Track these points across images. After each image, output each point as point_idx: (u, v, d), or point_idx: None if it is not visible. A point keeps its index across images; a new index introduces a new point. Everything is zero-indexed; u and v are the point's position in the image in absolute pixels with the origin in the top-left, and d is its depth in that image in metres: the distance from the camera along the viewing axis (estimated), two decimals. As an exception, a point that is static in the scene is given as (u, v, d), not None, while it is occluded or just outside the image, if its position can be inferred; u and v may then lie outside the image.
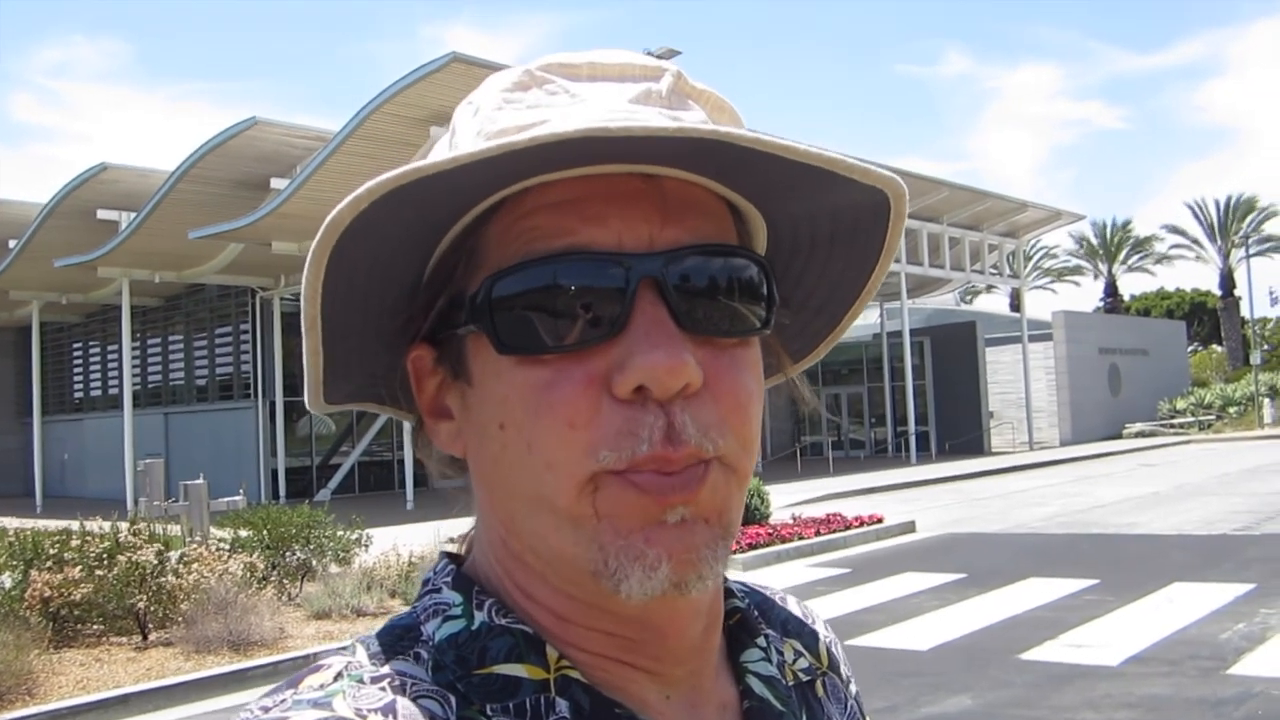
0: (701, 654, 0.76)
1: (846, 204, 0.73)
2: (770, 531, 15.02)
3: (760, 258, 0.72)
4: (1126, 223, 67.72)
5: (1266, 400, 45.67)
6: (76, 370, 38.32)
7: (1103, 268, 67.63)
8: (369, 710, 0.63)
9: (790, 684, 0.83)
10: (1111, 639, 8.72)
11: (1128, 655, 8.14)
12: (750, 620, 0.83)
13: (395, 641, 0.71)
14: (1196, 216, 64.14)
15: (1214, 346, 69.05)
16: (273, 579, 11.12)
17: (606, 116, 0.65)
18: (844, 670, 0.92)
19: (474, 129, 0.71)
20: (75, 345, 38.19)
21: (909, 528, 16.88)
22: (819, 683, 0.87)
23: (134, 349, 31.77)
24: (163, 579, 9.60)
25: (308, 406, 0.78)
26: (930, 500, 21.57)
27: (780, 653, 0.85)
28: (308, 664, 0.73)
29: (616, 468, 0.65)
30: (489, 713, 0.67)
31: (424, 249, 0.71)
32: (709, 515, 0.67)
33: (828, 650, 0.91)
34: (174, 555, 10.13)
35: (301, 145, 23.63)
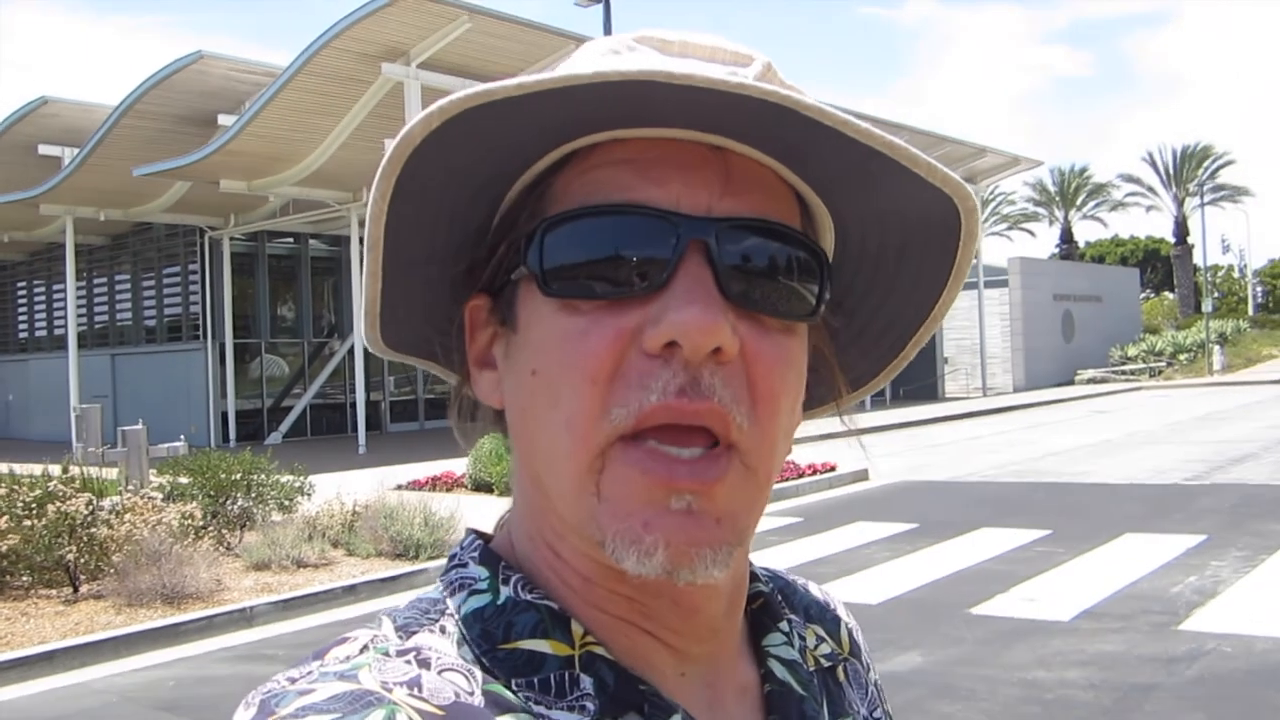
0: (721, 635, 0.75)
1: (915, 214, 0.72)
2: (723, 479, 14.86)
3: (816, 245, 0.71)
4: (1084, 169, 67.79)
5: (1216, 348, 46.17)
6: (21, 310, 37.44)
7: (1059, 214, 67.82)
8: (395, 683, 0.62)
9: (812, 669, 0.83)
10: (1063, 592, 8.64)
11: (1080, 610, 8.06)
12: (773, 604, 0.83)
13: (421, 615, 0.71)
14: (1152, 164, 64.35)
15: (1166, 293, 69.72)
16: (211, 529, 10.82)
17: (673, 67, 0.62)
18: (865, 657, 0.91)
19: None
20: (19, 285, 37.27)
21: (862, 475, 16.81)
22: (840, 668, 0.87)
23: (79, 289, 31.14)
24: (93, 529, 9.29)
25: (365, 343, 0.79)
26: (885, 447, 21.54)
27: (802, 638, 0.84)
28: (244, 616, 0.54)
29: (626, 427, 0.64)
30: (514, 688, 0.67)
31: (493, 195, 0.72)
32: (721, 515, 0.65)
33: (849, 636, 0.91)
34: (107, 504, 9.82)
35: (250, 81, 22.97)
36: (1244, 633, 7.25)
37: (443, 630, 0.69)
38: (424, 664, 0.65)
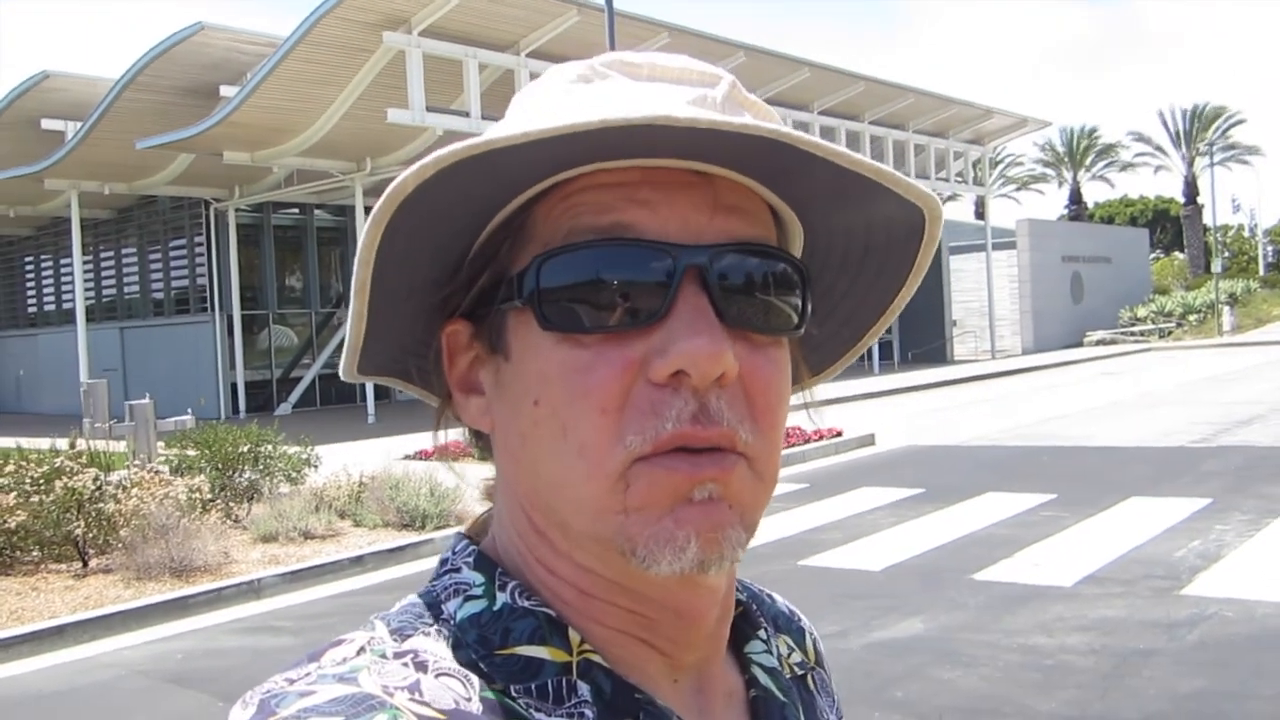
0: (714, 642, 0.77)
1: (882, 220, 0.75)
2: (729, 446, 14.87)
3: (800, 262, 0.74)
4: (1093, 130, 67.39)
5: (1226, 308, 45.94)
6: (29, 284, 37.52)
7: (1067, 175, 67.47)
8: (395, 688, 0.63)
9: (789, 677, 0.86)
10: (1067, 557, 8.66)
11: (1082, 575, 8.08)
12: (752, 613, 0.86)
13: (415, 619, 0.71)
14: (1164, 124, 63.99)
15: (1176, 254, 69.34)
16: (218, 502, 10.88)
17: (672, 109, 0.64)
18: (827, 666, 0.94)
19: (536, 114, 0.72)
20: (27, 259, 37.34)
21: (868, 440, 16.84)
22: (810, 677, 0.90)
23: (86, 262, 31.13)
24: (101, 504, 9.34)
25: (341, 374, 0.80)
26: (892, 411, 21.55)
27: (776, 647, 0.87)
28: (252, 588, 0.56)
29: (644, 451, 0.66)
30: (512, 693, 0.67)
31: (475, 225, 0.72)
32: (733, 502, 0.68)
33: (814, 647, 0.94)
34: (115, 478, 9.87)
35: (251, 51, 22.89)
36: (1246, 597, 7.26)
37: (438, 634, 0.70)
38: (421, 667, 0.66)
